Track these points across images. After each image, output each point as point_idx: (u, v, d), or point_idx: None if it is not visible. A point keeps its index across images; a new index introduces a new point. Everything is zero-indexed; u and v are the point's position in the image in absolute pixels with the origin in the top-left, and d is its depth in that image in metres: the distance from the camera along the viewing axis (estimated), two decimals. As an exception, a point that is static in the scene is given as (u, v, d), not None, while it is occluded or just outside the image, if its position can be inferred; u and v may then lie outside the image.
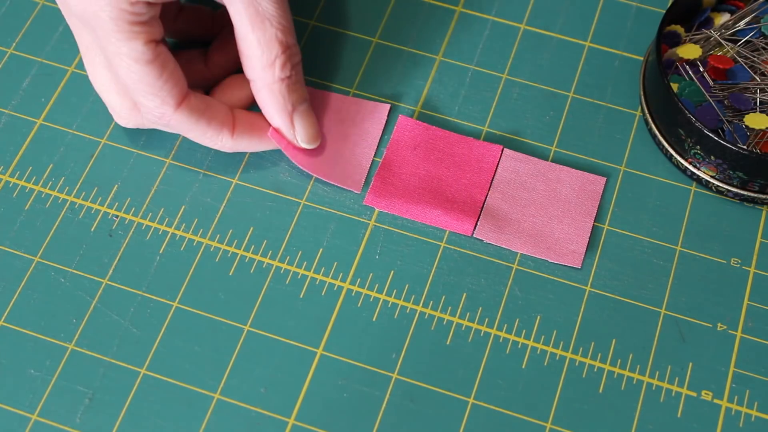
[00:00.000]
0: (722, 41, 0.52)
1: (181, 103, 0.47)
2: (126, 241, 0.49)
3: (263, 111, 0.49)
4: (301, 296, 0.48)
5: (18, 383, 0.46)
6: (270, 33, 0.46)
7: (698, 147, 0.49)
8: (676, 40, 0.53)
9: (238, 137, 0.49)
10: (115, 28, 0.44)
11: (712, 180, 0.50)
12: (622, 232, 0.50)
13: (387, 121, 0.52)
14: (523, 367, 0.46)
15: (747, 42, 0.52)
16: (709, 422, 0.45)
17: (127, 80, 0.46)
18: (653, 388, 0.46)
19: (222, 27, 0.53)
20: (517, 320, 0.48)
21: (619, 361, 0.47)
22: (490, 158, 0.51)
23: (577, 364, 0.47)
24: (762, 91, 0.50)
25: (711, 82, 0.51)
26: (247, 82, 0.50)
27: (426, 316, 0.48)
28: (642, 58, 0.55)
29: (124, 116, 0.49)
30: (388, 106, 0.52)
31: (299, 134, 0.49)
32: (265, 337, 0.47)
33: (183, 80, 0.47)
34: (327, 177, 0.50)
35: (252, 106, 0.51)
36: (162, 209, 0.50)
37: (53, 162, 0.51)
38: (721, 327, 0.48)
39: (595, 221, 0.50)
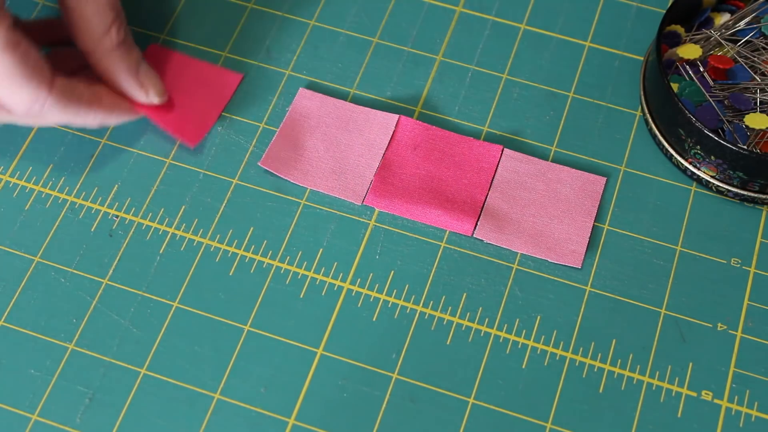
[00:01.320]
0: (722, 41, 0.52)
1: (53, 84, 0.46)
2: (126, 241, 0.49)
3: (108, 79, 0.49)
4: (301, 296, 0.48)
5: (18, 383, 0.46)
6: (102, 1, 0.46)
7: (698, 147, 0.49)
8: (676, 40, 0.53)
9: (107, 109, 0.49)
10: None
11: (712, 180, 0.50)
12: (622, 232, 0.50)
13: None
14: (523, 367, 0.47)
15: (747, 42, 0.52)
16: (709, 422, 0.45)
17: None
18: (653, 388, 0.46)
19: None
20: (517, 320, 0.48)
21: (619, 361, 0.47)
22: (490, 158, 0.51)
23: (577, 364, 0.47)
24: (762, 91, 0.50)
25: (711, 82, 0.51)
26: (73, 52, 0.49)
27: (426, 316, 0.48)
28: (642, 58, 0.55)
29: None
30: (396, 117, 0.52)
31: (151, 91, 0.50)
32: (265, 337, 0.47)
33: (46, 61, 0.45)
34: (328, 190, 0.50)
35: None
36: (162, 209, 0.50)
37: (53, 162, 0.51)
38: (721, 327, 0.48)
39: (595, 221, 0.50)
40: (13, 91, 0.44)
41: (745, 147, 0.48)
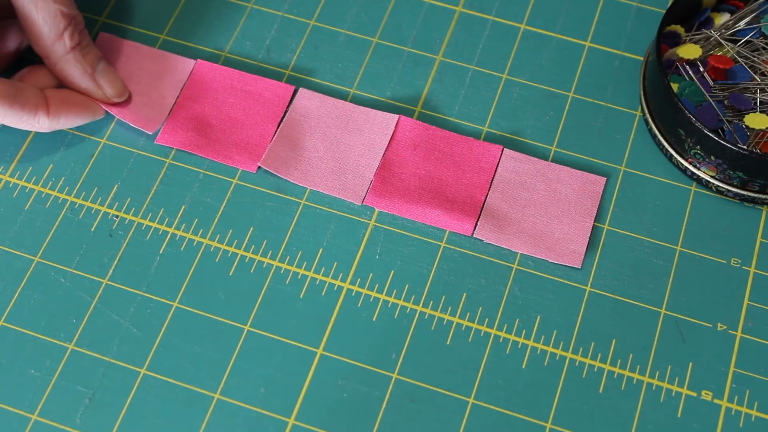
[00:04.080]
0: (722, 41, 0.52)
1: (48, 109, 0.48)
2: (126, 241, 0.49)
3: (66, 83, 0.50)
4: (301, 296, 0.48)
5: (18, 383, 0.46)
6: (53, 9, 0.48)
7: (698, 147, 0.49)
8: (676, 40, 0.53)
9: (55, 116, 0.50)
10: None
11: (712, 180, 0.50)
12: (622, 232, 0.50)
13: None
14: (523, 367, 0.47)
15: (747, 42, 0.52)
16: (709, 422, 0.45)
17: None
18: (653, 388, 0.46)
19: None
20: (517, 320, 0.48)
21: (619, 361, 0.47)
22: (490, 158, 0.51)
23: (577, 364, 0.47)
24: (762, 91, 0.50)
25: (711, 82, 0.51)
26: (46, 68, 0.51)
27: (426, 316, 0.48)
28: (642, 58, 0.55)
29: None
30: (396, 117, 0.52)
31: (108, 91, 0.51)
32: (265, 337, 0.47)
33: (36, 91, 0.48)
34: (328, 190, 0.50)
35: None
36: (162, 209, 0.50)
37: (53, 162, 0.51)
38: (721, 327, 0.48)
39: (595, 221, 0.50)
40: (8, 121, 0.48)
41: (745, 147, 0.48)
